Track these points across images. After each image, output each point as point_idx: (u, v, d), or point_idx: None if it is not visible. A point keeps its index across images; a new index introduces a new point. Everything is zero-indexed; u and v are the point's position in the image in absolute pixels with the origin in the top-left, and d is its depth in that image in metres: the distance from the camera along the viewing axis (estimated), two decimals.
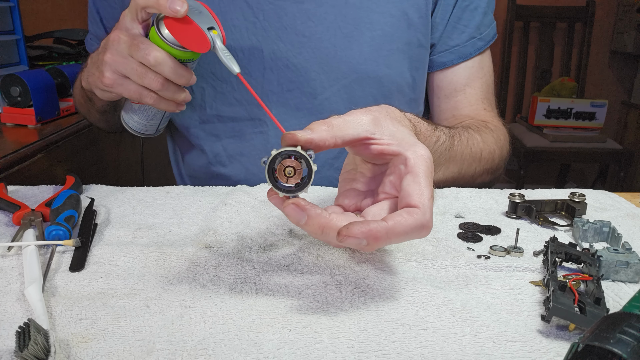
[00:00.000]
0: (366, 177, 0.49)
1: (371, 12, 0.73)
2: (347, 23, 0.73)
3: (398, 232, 0.40)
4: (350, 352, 0.36)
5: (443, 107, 0.83)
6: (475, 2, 0.78)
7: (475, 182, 0.75)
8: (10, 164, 0.95)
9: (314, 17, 0.73)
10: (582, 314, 0.38)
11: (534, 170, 2.78)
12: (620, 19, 2.68)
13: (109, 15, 0.82)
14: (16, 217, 0.56)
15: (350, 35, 0.73)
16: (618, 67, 2.80)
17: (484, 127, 0.77)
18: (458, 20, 0.78)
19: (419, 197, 0.41)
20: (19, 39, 1.38)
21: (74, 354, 0.36)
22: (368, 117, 0.44)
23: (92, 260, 0.49)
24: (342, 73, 0.74)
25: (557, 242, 0.50)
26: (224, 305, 0.42)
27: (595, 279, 0.44)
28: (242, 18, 0.73)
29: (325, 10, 0.73)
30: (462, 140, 0.70)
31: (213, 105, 0.77)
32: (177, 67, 0.57)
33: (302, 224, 0.41)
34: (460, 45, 0.79)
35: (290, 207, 0.41)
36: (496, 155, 0.77)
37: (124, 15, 0.58)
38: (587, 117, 2.44)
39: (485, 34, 0.80)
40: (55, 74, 1.26)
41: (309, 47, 0.73)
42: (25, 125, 1.17)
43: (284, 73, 0.75)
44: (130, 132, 0.71)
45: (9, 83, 1.16)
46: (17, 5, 1.36)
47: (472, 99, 0.81)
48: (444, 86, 0.82)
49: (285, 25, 0.73)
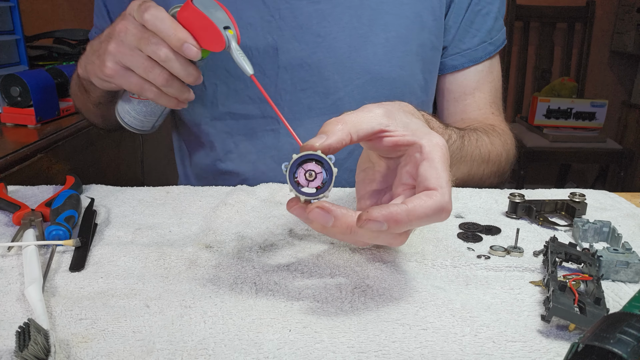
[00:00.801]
0: (382, 174, 0.48)
1: (386, 14, 0.74)
2: (362, 24, 0.73)
3: (419, 214, 0.39)
4: (350, 352, 0.37)
5: (452, 110, 0.83)
6: (487, 7, 0.79)
7: (483, 184, 0.75)
8: (10, 164, 0.95)
9: (329, 18, 0.73)
10: (582, 314, 0.38)
11: (534, 170, 2.78)
12: (620, 19, 2.68)
13: (116, 9, 0.81)
14: (16, 217, 0.56)
15: (364, 37, 0.73)
16: (618, 67, 2.80)
17: (492, 130, 0.78)
18: (470, 24, 0.79)
19: (437, 180, 0.40)
20: (19, 39, 1.38)
21: (74, 354, 0.36)
22: (381, 110, 0.44)
23: (92, 260, 0.49)
24: (356, 73, 0.74)
25: (557, 242, 0.50)
26: (224, 305, 0.42)
27: (595, 278, 0.44)
28: (258, 16, 0.73)
29: (340, 11, 0.73)
30: (471, 141, 0.71)
31: (225, 102, 0.77)
32: (187, 64, 0.56)
33: (329, 226, 0.40)
34: (471, 49, 0.80)
35: (316, 210, 0.40)
36: (503, 158, 0.77)
37: (133, 3, 0.57)
38: (587, 117, 2.44)
39: (495, 39, 0.81)
40: (55, 74, 1.26)
41: (323, 47, 0.73)
42: (25, 125, 1.17)
43: (298, 72, 0.75)
44: (124, 126, 0.70)
45: (9, 83, 1.16)
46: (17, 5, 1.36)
47: (480, 103, 0.81)
48: (454, 89, 0.82)
49: (300, 25, 0.73)
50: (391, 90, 0.76)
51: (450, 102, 0.83)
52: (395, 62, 0.75)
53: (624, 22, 2.64)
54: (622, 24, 2.66)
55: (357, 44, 0.73)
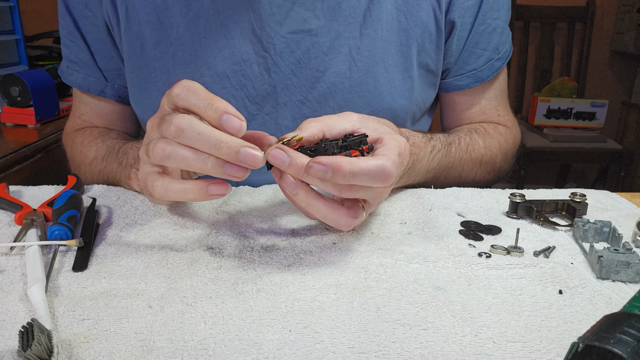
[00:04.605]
0: None
1: (384, 41, 0.71)
2: (362, 55, 0.71)
3: (361, 167, 0.44)
4: (350, 352, 0.37)
5: (457, 118, 0.83)
6: (493, 23, 0.75)
7: (478, 184, 0.76)
8: (11, 164, 0.96)
9: (328, 51, 0.70)
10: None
11: (534, 170, 2.78)
12: (620, 19, 2.68)
13: (94, 38, 0.76)
14: (18, 217, 0.56)
15: (365, 69, 0.71)
16: (618, 67, 2.80)
17: (493, 130, 0.78)
18: (475, 45, 0.76)
19: (387, 151, 0.47)
20: (19, 39, 1.39)
21: (76, 354, 0.36)
22: (357, 117, 0.52)
23: (94, 260, 0.49)
24: (357, 108, 0.72)
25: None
26: (225, 305, 0.42)
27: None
28: (253, 52, 0.70)
29: (340, 43, 0.70)
30: (460, 147, 0.72)
31: None
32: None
33: (286, 167, 0.45)
34: (477, 69, 0.77)
35: (275, 150, 0.44)
36: (498, 159, 0.78)
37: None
38: (587, 117, 2.44)
39: (503, 52, 0.78)
40: (55, 74, 1.26)
41: (323, 82, 0.71)
42: (25, 125, 1.18)
43: (298, 108, 0.73)
44: None
45: (9, 83, 1.16)
46: (17, 5, 1.37)
47: (486, 109, 0.81)
48: (461, 102, 0.81)
49: (298, 60, 0.70)
50: (392, 119, 0.72)
51: (457, 112, 0.82)
52: (395, 92, 0.73)
53: (624, 22, 2.64)
54: (622, 24, 2.66)
55: (357, 78, 0.71)
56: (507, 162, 0.80)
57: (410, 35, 0.72)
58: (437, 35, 0.73)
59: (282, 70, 0.71)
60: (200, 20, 0.69)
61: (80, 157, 0.79)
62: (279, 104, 0.72)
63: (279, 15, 0.69)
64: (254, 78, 0.71)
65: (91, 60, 0.78)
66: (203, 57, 0.70)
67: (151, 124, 0.47)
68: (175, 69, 0.71)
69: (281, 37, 0.70)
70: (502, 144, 0.78)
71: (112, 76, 0.79)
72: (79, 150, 0.79)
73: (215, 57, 0.70)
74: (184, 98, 0.44)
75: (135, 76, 0.74)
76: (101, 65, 0.78)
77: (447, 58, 0.76)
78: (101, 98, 0.81)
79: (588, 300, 0.44)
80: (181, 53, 0.71)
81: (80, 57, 0.78)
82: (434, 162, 0.67)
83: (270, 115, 0.73)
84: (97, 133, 0.80)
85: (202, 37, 0.70)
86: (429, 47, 0.73)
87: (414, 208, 0.62)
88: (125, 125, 0.85)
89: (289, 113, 0.73)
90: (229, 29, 0.69)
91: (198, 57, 0.70)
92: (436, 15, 0.72)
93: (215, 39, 0.70)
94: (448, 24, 0.73)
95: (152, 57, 0.72)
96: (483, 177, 0.77)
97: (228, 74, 0.71)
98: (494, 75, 0.79)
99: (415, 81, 0.74)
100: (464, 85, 0.78)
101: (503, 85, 0.83)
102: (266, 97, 0.72)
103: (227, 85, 0.71)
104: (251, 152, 0.43)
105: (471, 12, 0.74)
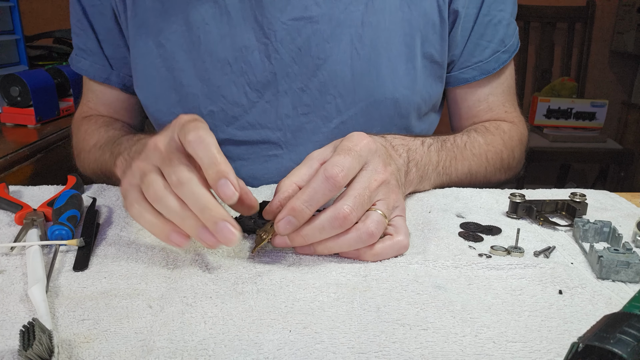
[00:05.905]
0: None
1: (387, 31, 0.70)
2: (364, 44, 0.70)
3: (308, 190, 0.46)
4: (350, 352, 0.37)
5: (464, 115, 0.82)
6: (499, 15, 0.75)
7: (490, 182, 0.75)
8: (10, 164, 0.96)
9: (330, 39, 0.70)
10: None
11: (534, 170, 2.78)
12: (620, 19, 2.68)
13: (102, 26, 0.78)
14: (18, 217, 0.56)
15: (367, 58, 0.70)
16: (618, 67, 2.80)
17: (494, 128, 0.77)
18: (480, 37, 0.75)
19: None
20: (19, 39, 1.39)
21: (76, 354, 0.36)
22: (316, 153, 0.52)
23: (95, 260, 0.49)
24: (359, 97, 0.72)
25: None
26: (225, 305, 0.42)
27: None
28: (254, 39, 0.70)
29: (341, 31, 0.69)
30: (457, 143, 0.71)
31: (225, 129, 0.74)
32: None
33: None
34: (483, 62, 0.77)
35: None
36: (504, 155, 0.76)
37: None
38: (587, 117, 2.44)
39: (509, 45, 0.77)
40: (55, 74, 1.26)
41: (324, 70, 0.71)
42: (25, 125, 1.18)
43: (299, 96, 0.72)
44: None
45: (9, 83, 1.16)
46: (17, 5, 1.36)
47: (493, 105, 0.80)
48: (467, 98, 0.80)
49: (299, 47, 0.70)
50: (395, 109, 0.74)
51: (463, 109, 0.81)
52: (398, 82, 0.72)
53: (624, 22, 2.64)
54: (622, 24, 2.66)
55: (359, 67, 0.70)
56: (515, 159, 0.79)
57: (413, 26, 0.72)
58: (440, 25, 0.73)
59: (282, 57, 0.71)
60: (203, 7, 0.70)
61: (82, 144, 0.80)
62: (280, 91, 0.72)
63: (281, 1, 0.69)
64: (255, 65, 0.71)
65: (98, 48, 0.79)
66: (205, 44, 0.71)
67: (154, 146, 0.46)
68: (178, 56, 0.72)
69: (282, 23, 0.69)
70: (507, 140, 0.77)
71: (118, 64, 0.80)
72: (82, 138, 0.81)
73: (217, 44, 0.71)
74: (194, 148, 0.44)
75: (140, 62, 0.74)
76: (107, 53, 0.80)
77: (452, 50, 0.76)
78: (106, 85, 0.82)
79: (588, 301, 0.44)
80: (184, 40, 0.71)
81: (88, 45, 0.80)
82: (432, 154, 0.66)
83: (270, 103, 0.73)
84: (101, 122, 0.81)
85: (205, 24, 0.70)
86: (433, 37, 0.73)
87: (413, 210, 0.62)
88: (130, 115, 0.86)
89: (290, 101, 0.73)
90: (232, 16, 0.70)
91: (200, 44, 0.71)
92: (439, 5, 0.72)
93: (218, 26, 0.70)
94: (452, 14, 0.73)
95: (156, 43, 0.72)
96: (494, 174, 0.75)
97: (229, 60, 0.71)
98: (500, 68, 0.78)
99: (419, 72, 0.74)
100: (470, 77, 0.78)
101: (510, 81, 0.82)
102: (267, 85, 0.72)
103: (228, 71, 0.71)
104: (229, 228, 0.43)
105: (475, 3, 0.74)
